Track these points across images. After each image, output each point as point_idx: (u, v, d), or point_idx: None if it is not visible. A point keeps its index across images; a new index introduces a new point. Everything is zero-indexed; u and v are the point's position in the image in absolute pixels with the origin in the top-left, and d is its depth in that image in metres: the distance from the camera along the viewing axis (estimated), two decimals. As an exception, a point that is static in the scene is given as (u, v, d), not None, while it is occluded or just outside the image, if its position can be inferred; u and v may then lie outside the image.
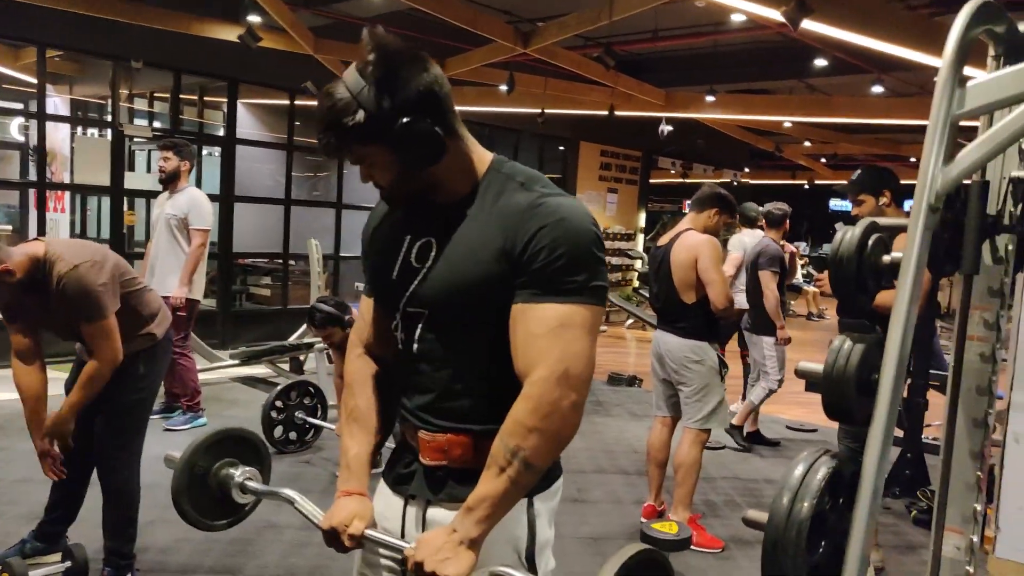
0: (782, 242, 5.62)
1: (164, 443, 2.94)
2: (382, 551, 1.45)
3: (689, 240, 3.69)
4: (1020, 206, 2.45)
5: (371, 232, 1.52)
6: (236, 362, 6.48)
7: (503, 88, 9.00)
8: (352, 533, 1.35)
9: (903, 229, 2.12)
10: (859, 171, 3.68)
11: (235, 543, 3.44)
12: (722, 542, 3.72)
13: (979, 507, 2.58)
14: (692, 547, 3.62)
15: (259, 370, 6.59)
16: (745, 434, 5.53)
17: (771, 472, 4.94)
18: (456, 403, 1.35)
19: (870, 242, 2.04)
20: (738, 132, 12.35)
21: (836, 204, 21.61)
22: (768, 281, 5.20)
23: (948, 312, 10.19)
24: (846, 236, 2.05)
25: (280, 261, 8.71)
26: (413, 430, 1.42)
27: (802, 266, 13.79)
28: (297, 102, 8.53)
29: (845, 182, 3.76)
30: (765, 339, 5.35)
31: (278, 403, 4.74)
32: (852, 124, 11.12)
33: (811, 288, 13.47)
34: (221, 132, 8.42)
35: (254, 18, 6.79)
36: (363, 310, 1.54)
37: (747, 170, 15.72)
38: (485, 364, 1.33)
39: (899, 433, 4.46)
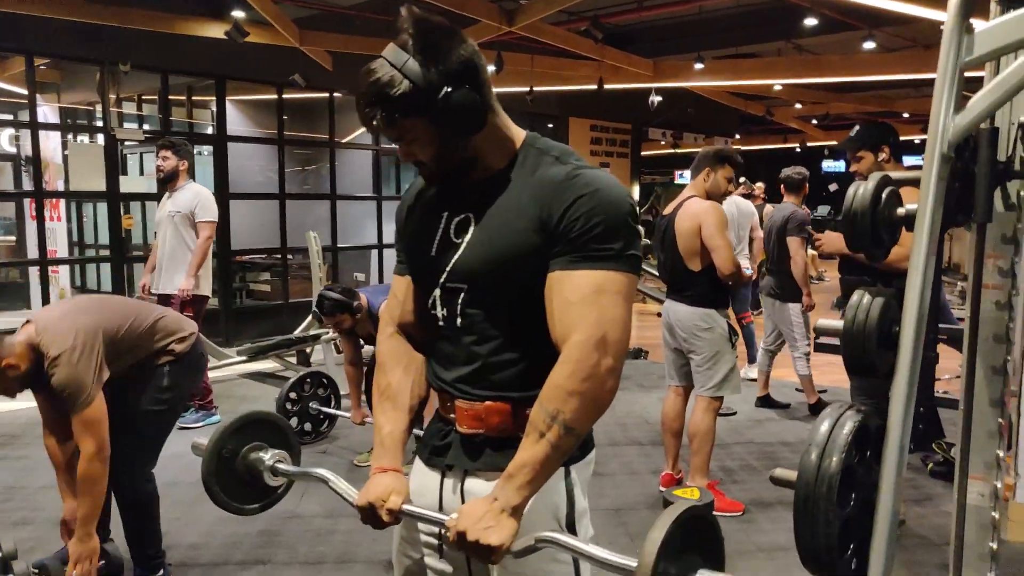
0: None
1: (178, 442, 2.95)
2: (421, 526, 1.46)
3: (692, 208, 3.68)
4: (1029, 151, 2.46)
5: (405, 212, 1.53)
6: (244, 358, 6.49)
7: (491, 68, 8.96)
8: (390, 508, 1.37)
9: (915, 182, 2.13)
10: (856, 128, 3.68)
11: (263, 535, 3.47)
12: (742, 505, 3.76)
13: (1001, 454, 2.60)
14: (714, 512, 3.64)
15: (266, 365, 6.60)
16: (756, 400, 5.57)
17: (785, 435, 4.97)
18: (497, 373, 1.37)
19: (883, 195, 2.04)
20: (728, 98, 12.31)
21: (829, 166, 21.57)
22: (797, 247, 5.15)
23: (949, 266, 10.21)
24: (859, 191, 2.05)
25: (278, 256, 8.69)
26: (450, 401, 1.43)
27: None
28: (285, 95, 8.48)
29: (838, 142, 3.75)
30: (791, 306, 5.29)
31: (292, 395, 4.76)
32: (844, 83, 11.08)
33: (810, 251, 13.48)
34: (210, 130, 8.38)
35: (238, 13, 6.74)
36: (395, 289, 1.55)
37: (738, 136, 15.69)
38: (525, 334, 1.35)
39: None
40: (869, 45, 8.07)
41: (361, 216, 9.62)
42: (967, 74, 2.11)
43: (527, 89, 9.28)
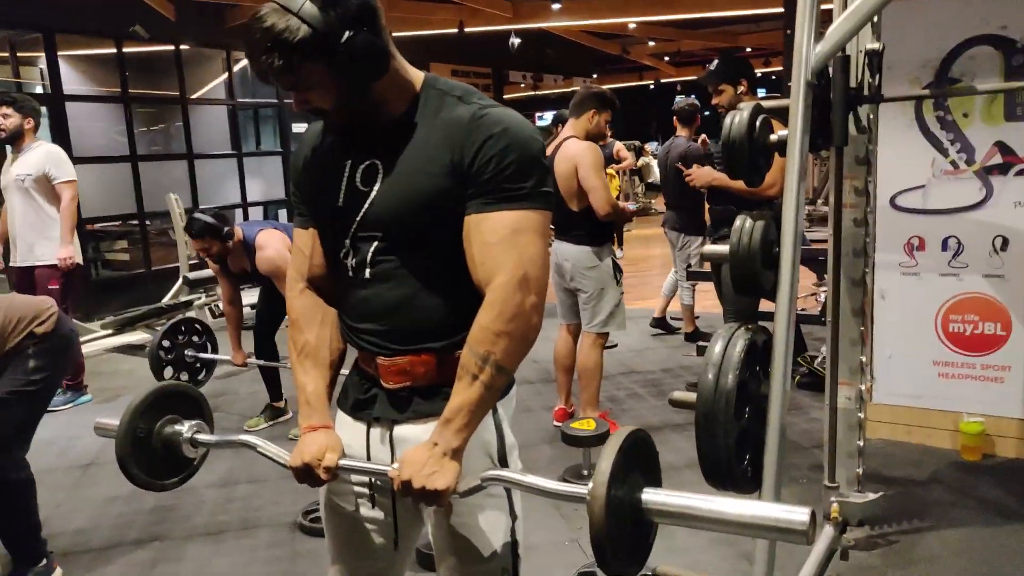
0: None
1: (51, 427, 2.78)
2: (353, 477, 1.46)
3: (570, 149, 3.73)
4: (877, 77, 2.64)
5: (302, 162, 1.47)
6: (109, 332, 6.14)
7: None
8: (327, 465, 1.35)
9: (785, 110, 2.25)
10: (716, 62, 3.82)
11: (156, 511, 3.35)
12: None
13: (864, 359, 2.85)
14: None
15: (135, 337, 6.26)
16: (652, 320, 5.85)
17: (666, 363, 5.21)
18: (414, 324, 1.36)
19: (758, 124, 2.14)
20: (585, 38, 12.44)
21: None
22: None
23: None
24: (735, 120, 2.14)
25: (135, 223, 8.18)
26: (369, 356, 1.41)
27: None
28: (126, 49, 7.88)
29: (691, 77, 3.90)
30: (692, 239, 5.48)
31: (165, 343, 4.57)
32: (692, 19, 11.42)
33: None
34: (40, 90, 7.70)
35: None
36: (299, 243, 1.51)
37: (595, 76, 15.92)
38: (441, 281, 1.35)
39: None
40: (717, -18, 8.33)
41: (221, 175, 9.18)
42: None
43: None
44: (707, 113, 4.76)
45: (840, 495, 2.74)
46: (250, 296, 4.92)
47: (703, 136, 5.95)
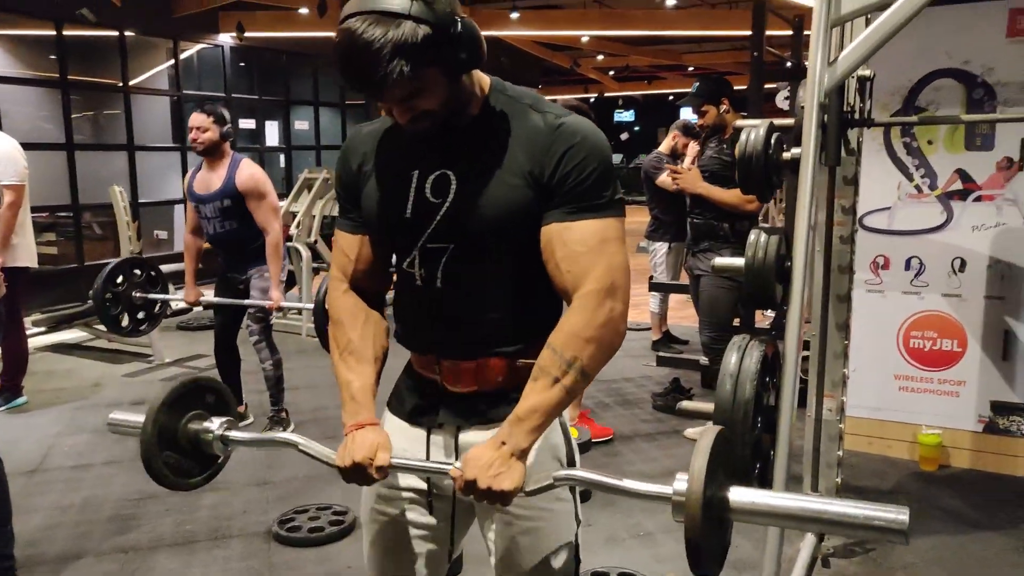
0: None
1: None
2: (402, 480, 1.42)
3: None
4: (869, 102, 2.74)
5: (356, 168, 1.42)
6: (42, 329, 5.86)
7: (303, 11, 8.52)
8: (380, 465, 1.31)
9: (790, 128, 2.31)
10: (698, 83, 3.90)
11: (115, 520, 3.20)
12: (611, 430, 4.05)
13: (847, 372, 2.94)
14: (592, 441, 3.90)
15: (71, 335, 6.00)
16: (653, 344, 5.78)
17: (626, 371, 5.25)
18: (485, 330, 1.35)
19: (772, 140, 2.19)
20: (536, 49, 12.53)
21: (620, 116, 22.93)
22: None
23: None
24: (751, 137, 2.19)
25: (67, 215, 7.83)
26: (432, 361, 1.39)
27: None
28: (67, 32, 7.56)
29: (636, 93, 3.95)
30: (658, 245, 5.54)
31: (109, 285, 4.27)
32: (641, 37, 11.63)
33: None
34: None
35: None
36: (344, 247, 1.46)
37: (540, 86, 16.04)
38: (513, 288, 1.34)
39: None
40: (671, 2, 8.51)
41: (160, 169, 8.88)
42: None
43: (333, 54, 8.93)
44: (637, 129, 4.82)
45: (821, 505, 2.82)
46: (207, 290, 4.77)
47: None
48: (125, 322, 4.36)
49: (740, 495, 1.13)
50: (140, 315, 4.43)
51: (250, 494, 3.39)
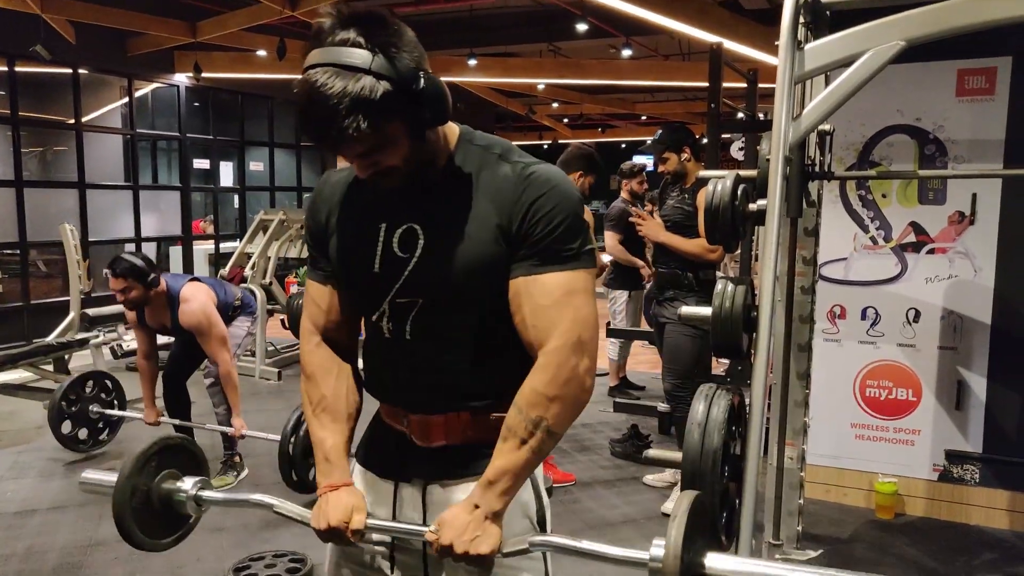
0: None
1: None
2: (375, 537, 1.39)
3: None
4: (829, 156, 2.82)
5: (325, 220, 1.40)
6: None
7: (261, 53, 8.51)
8: (356, 528, 1.30)
9: (753, 179, 2.36)
10: (659, 132, 3.97)
11: (61, 569, 3.07)
12: (573, 476, 4.06)
13: (807, 420, 2.97)
14: (554, 486, 3.86)
15: (15, 375, 5.77)
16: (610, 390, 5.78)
17: (585, 418, 5.20)
18: (453, 384, 1.32)
19: (739, 192, 2.23)
20: (492, 95, 12.69)
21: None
22: (610, 241, 5.53)
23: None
24: (718, 188, 2.23)
25: (14, 252, 7.60)
26: (401, 415, 1.37)
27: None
28: (19, 68, 7.42)
29: (588, 141, 4.05)
30: (617, 294, 5.65)
31: (71, 396, 4.28)
32: (596, 86, 11.87)
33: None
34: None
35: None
36: (315, 297, 1.44)
37: (495, 132, 16.22)
38: (483, 341, 1.31)
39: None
40: (626, 52, 8.72)
41: (111, 207, 8.71)
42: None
43: (300, 76, 8.92)
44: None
45: (784, 553, 2.83)
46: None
47: (650, 196, 6.12)
48: (68, 430, 4.33)
49: (717, 562, 1.12)
50: (86, 432, 4.42)
51: (204, 540, 3.27)
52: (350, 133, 1.13)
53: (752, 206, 2.29)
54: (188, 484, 1.42)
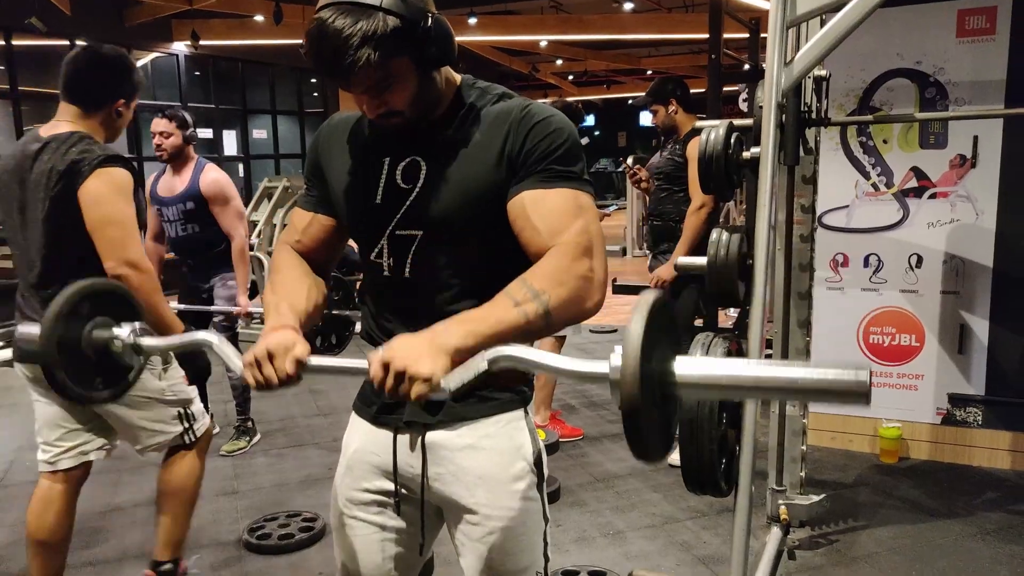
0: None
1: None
2: (369, 484, 1.42)
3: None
4: (825, 102, 2.80)
5: (328, 152, 1.43)
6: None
7: (259, 19, 8.45)
8: (299, 357, 1.18)
9: (749, 128, 2.35)
10: (653, 84, 3.95)
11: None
12: (581, 430, 4.10)
13: (809, 367, 2.98)
14: (560, 440, 3.93)
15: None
16: None
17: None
18: None
19: (732, 140, 2.23)
20: (494, 54, 12.56)
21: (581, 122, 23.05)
22: None
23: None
24: (711, 137, 2.23)
25: None
26: None
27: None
28: (16, 42, 7.40)
29: (595, 97, 4.01)
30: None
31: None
32: (600, 41, 11.72)
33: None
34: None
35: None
36: (296, 221, 1.47)
37: (500, 92, 16.07)
38: (480, 279, 1.32)
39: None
40: (628, 6, 8.60)
41: (116, 179, 8.71)
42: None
43: (300, 42, 8.87)
44: (597, 134, 4.84)
45: (787, 498, 2.87)
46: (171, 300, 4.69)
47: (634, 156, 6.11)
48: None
49: (687, 365, 0.96)
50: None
51: (219, 504, 3.34)
52: (360, 65, 1.16)
53: (746, 154, 2.28)
54: (125, 331, 1.31)
